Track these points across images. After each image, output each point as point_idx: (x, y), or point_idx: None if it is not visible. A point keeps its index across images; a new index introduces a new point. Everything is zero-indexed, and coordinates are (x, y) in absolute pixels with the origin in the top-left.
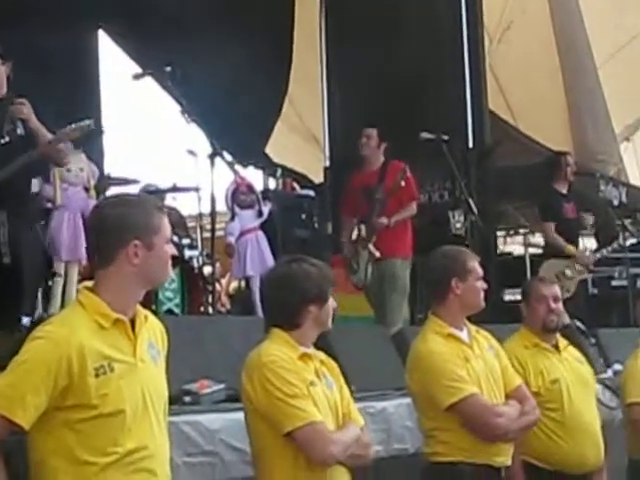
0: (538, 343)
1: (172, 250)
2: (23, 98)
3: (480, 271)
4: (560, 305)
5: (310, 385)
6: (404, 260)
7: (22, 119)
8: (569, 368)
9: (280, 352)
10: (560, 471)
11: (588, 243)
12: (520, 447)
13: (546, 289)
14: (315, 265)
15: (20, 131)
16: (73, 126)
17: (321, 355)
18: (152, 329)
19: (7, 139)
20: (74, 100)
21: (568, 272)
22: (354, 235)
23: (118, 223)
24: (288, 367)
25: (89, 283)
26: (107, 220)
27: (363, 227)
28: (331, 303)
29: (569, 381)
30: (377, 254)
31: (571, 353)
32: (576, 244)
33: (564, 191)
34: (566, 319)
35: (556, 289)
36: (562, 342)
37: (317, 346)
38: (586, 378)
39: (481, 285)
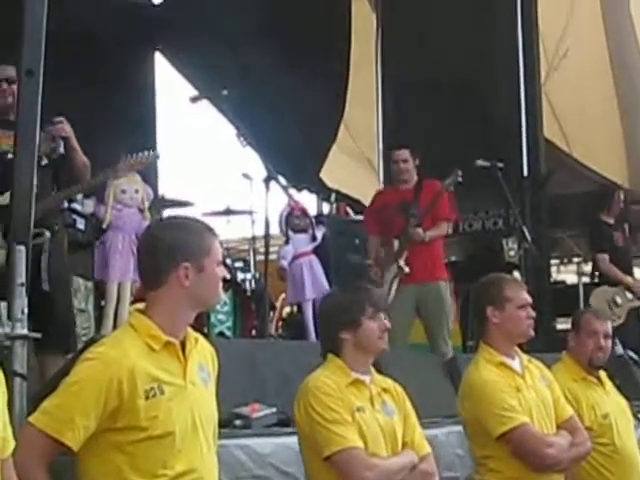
0: (585, 376)
1: (223, 272)
2: (61, 117)
3: (524, 299)
4: (609, 342)
5: (357, 411)
6: (446, 282)
7: (63, 137)
8: (613, 401)
9: (328, 378)
10: None
11: None
12: None
13: (599, 324)
14: (352, 291)
15: (61, 150)
16: (137, 156)
17: (386, 382)
18: (202, 352)
19: (46, 161)
20: (131, 122)
21: (618, 299)
22: (381, 253)
23: (169, 245)
24: (332, 393)
25: (140, 305)
26: (158, 242)
27: (396, 243)
28: (376, 325)
29: (617, 415)
30: (406, 270)
31: (610, 385)
32: (631, 272)
33: (611, 221)
34: (619, 349)
35: (608, 326)
36: (602, 375)
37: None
38: (626, 410)
39: (526, 314)
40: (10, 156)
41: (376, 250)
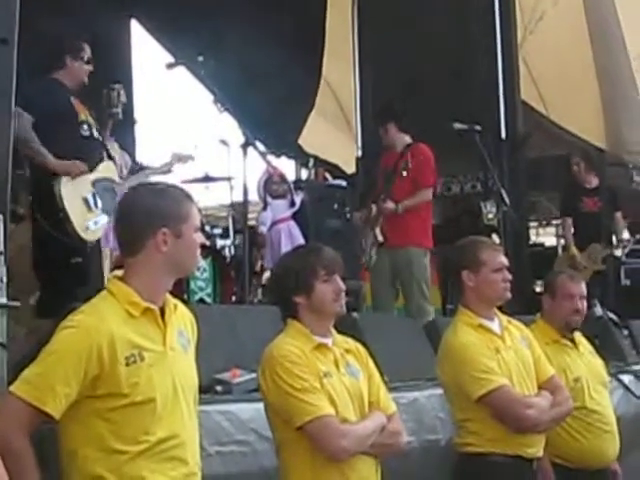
0: (558, 339)
1: (201, 239)
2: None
3: (499, 262)
4: (585, 304)
5: (324, 377)
6: (418, 248)
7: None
8: (587, 363)
9: (291, 346)
10: (581, 468)
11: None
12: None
13: (575, 287)
14: (302, 254)
15: (120, 116)
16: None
17: (348, 343)
18: (182, 318)
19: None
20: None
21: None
22: (364, 216)
23: (146, 211)
24: (298, 361)
25: (119, 272)
26: (135, 208)
27: (374, 208)
28: (330, 288)
29: (589, 378)
30: (380, 238)
31: (585, 346)
32: (596, 239)
33: (589, 185)
34: (598, 310)
35: (583, 287)
36: (577, 336)
37: (348, 335)
38: (600, 372)
39: (502, 277)
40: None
41: (366, 210)
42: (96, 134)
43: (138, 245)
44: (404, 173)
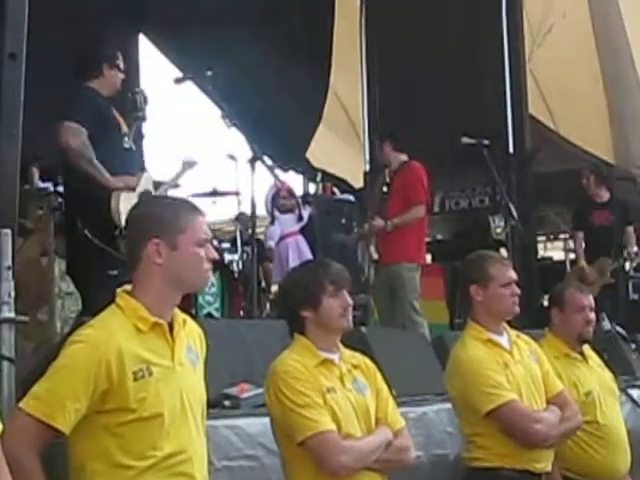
0: (568, 353)
1: (208, 253)
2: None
3: (508, 277)
4: (594, 315)
5: (327, 392)
6: (410, 264)
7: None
8: (597, 377)
9: (295, 361)
10: None
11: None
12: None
13: (585, 299)
14: (311, 268)
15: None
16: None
17: (356, 358)
18: (191, 333)
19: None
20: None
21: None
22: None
23: (140, 221)
24: (300, 377)
25: (128, 286)
26: (132, 219)
27: (366, 226)
28: (337, 303)
29: (600, 391)
30: (374, 256)
31: (595, 360)
32: (607, 253)
33: (600, 199)
34: (607, 324)
35: (592, 298)
36: (586, 349)
37: (355, 349)
38: (610, 385)
39: (510, 292)
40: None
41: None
42: (133, 145)
43: (135, 257)
44: (384, 189)
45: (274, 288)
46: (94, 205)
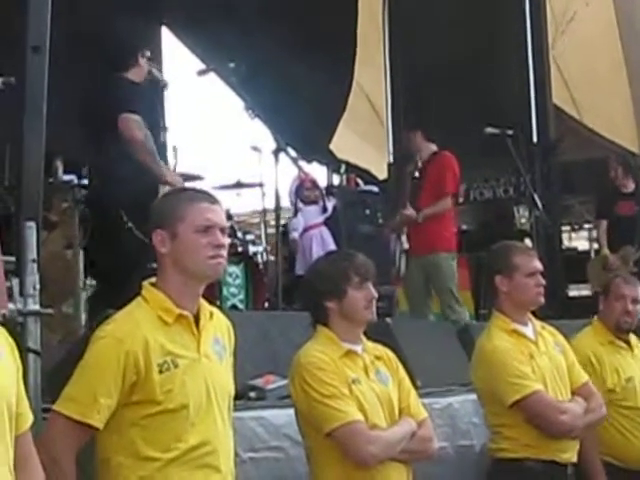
0: (613, 340)
1: (213, 240)
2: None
3: (532, 267)
4: (638, 307)
5: (353, 383)
6: (447, 253)
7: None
8: None
9: (320, 352)
10: (632, 468)
11: None
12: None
13: (628, 289)
14: (336, 260)
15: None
16: None
17: (378, 349)
18: (219, 325)
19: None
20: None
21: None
22: (391, 224)
23: (150, 213)
24: (326, 367)
25: (153, 279)
26: (149, 212)
27: (398, 216)
28: (362, 295)
29: None
30: (405, 246)
31: None
32: (631, 243)
33: (626, 189)
34: None
35: (638, 290)
36: (633, 339)
37: (381, 340)
38: None
39: (535, 282)
40: None
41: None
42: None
43: (152, 248)
44: (422, 181)
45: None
46: (142, 198)
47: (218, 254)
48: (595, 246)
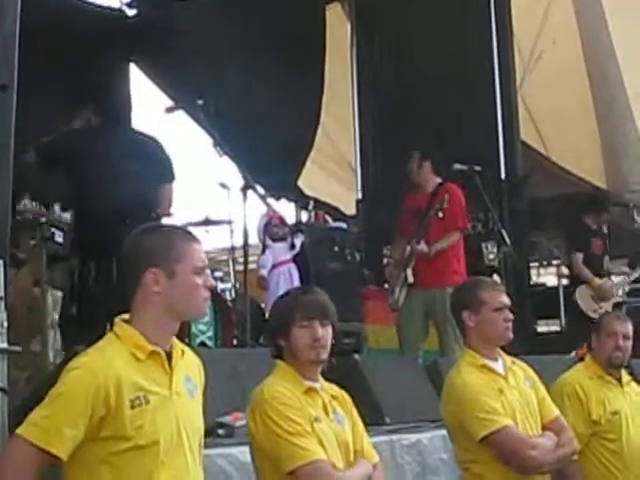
0: (602, 375)
1: (206, 281)
2: None
3: (499, 301)
4: (629, 343)
5: (315, 421)
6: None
7: None
8: (630, 402)
9: (283, 388)
10: None
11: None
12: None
13: (619, 325)
14: (284, 298)
15: None
16: None
17: (333, 389)
18: (190, 364)
19: None
20: None
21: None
22: (398, 257)
23: (136, 250)
24: (290, 403)
25: (126, 315)
26: (128, 248)
27: (408, 249)
28: (307, 334)
29: (629, 414)
30: (410, 279)
31: (633, 388)
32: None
33: (594, 226)
34: None
35: (629, 327)
36: (625, 377)
37: (349, 377)
38: None
39: (502, 317)
40: None
41: (398, 251)
42: None
43: (133, 285)
44: (440, 214)
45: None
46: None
47: (208, 295)
48: (564, 281)
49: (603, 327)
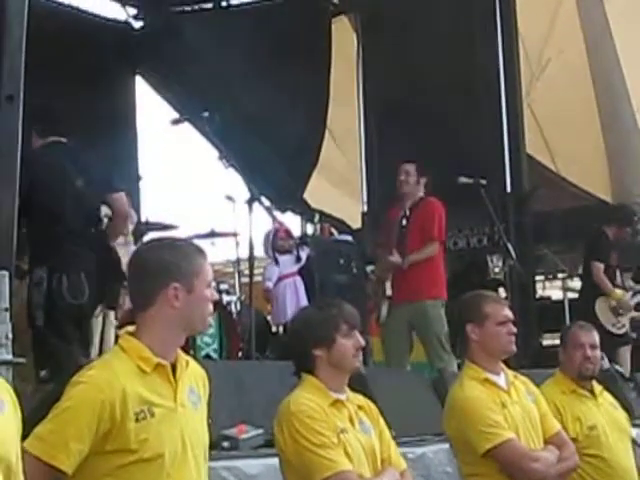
0: (575, 389)
1: (213, 294)
2: None
3: (503, 315)
4: (597, 353)
5: (341, 433)
6: (433, 300)
7: None
8: (605, 413)
9: (309, 400)
10: None
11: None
12: None
13: (584, 336)
14: (325, 308)
15: None
16: None
17: (359, 399)
18: (194, 375)
19: None
20: (113, 146)
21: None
22: (379, 271)
23: (157, 265)
24: (316, 416)
25: (131, 328)
26: (146, 263)
27: (382, 262)
28: (350, 343)
29: (606, 427)
30: (388, 292)
31: (606, 398)
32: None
33: (612, 239)
34: (606, 363)
35: (595, 336)
36: (597, 387)
37: (354, 390)
38: (621, 423)
39: (506, 330)
40: None
41: (380, 266)
42: None
43: (149, 300)
44: (409, 227)
45: (273, 329)
46: None
47: (212, 308)
48: (569, 295)
49: (569, 339)
